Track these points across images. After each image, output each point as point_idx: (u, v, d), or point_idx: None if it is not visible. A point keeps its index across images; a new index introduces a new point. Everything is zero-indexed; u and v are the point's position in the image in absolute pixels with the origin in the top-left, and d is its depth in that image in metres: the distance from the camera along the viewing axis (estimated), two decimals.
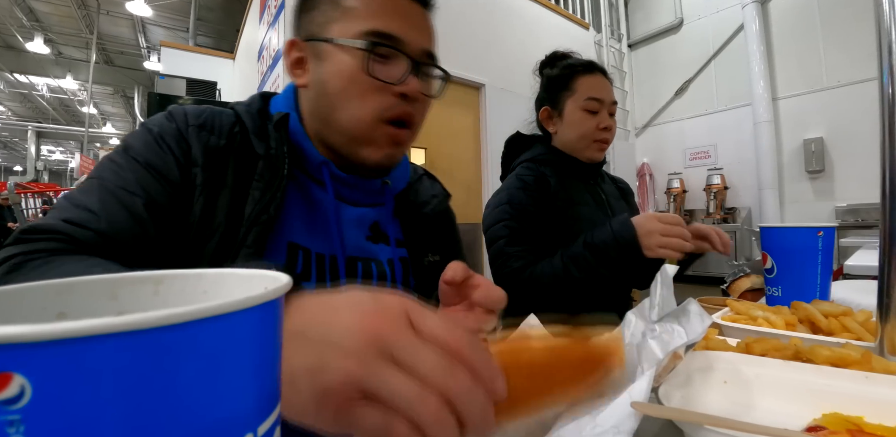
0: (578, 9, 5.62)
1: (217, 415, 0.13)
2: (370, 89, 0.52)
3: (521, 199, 0.92)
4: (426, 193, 0.70)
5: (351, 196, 0.59)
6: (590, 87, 0.98)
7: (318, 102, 0.55)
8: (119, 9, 7.02)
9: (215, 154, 0.51)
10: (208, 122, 0.52)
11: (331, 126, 0.55)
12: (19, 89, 10.33)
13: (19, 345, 0.10)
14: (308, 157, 0.56)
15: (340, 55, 0.52)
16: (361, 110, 0.52)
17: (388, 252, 0.61)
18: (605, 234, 0.79)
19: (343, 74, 0.52)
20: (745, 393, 0.39)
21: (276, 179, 0.52)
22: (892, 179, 0.42)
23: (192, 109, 0.53)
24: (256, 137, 0.53)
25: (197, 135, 0.51)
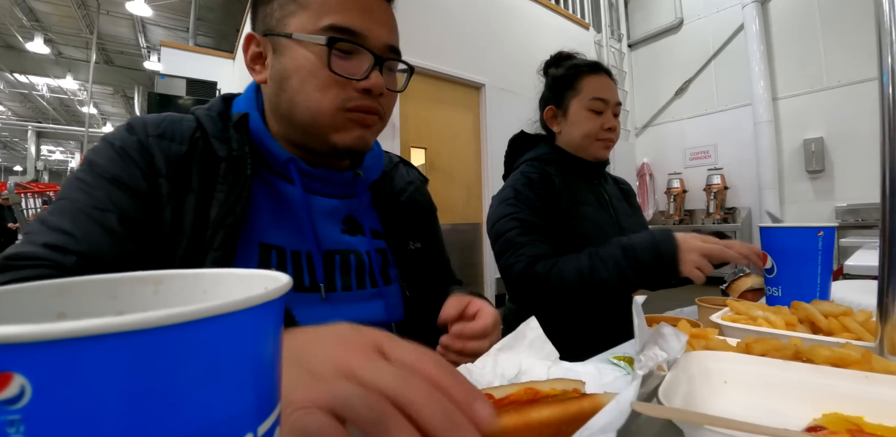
0: (578, 9, 5.62)
1: (217, 415, 0.13)
2: (331, 84, 0.51)
3: (527, 194, 0.92)
4: (402, 181, 0.69)
5: (323, 190, 0.58)
6: (595, 87, 0.98)
7: (279, 98, 0.53)
8: (119, 9, 7.02)
9: (178, 162, 0.50)
10: (168, 130, 0.52)
11: (293, 121, 0.54)
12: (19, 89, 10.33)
13: (19, 345, 0.10)
14: (274, 154, 0.55)
15: (300, 50, 0.51)
16: (321, 103, 0.51)
17: (365, 244, 0.61)
18: (645, 240, 0.77)
19: (303, 69, 0.51)
20: (745, 393, 0.39)
21: (239, 179, 0.51)
22: (892, 179, 0.42)
23: (151, 119, 0.53)
24: (218, 140, 0.53)
25: (158, 144, 0.50)
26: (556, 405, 0.31)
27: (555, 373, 0.46)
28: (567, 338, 0.73)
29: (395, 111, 3.38)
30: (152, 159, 0.49)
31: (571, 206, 0.94)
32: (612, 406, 0.27)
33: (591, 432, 0.27)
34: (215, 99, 0.59)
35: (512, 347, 0.48)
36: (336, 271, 0.57)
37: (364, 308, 0.58)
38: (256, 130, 0.55)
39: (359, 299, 0.58)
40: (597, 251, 0.81)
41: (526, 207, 0.90)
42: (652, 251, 0.75)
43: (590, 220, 0.95)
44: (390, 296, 0.62)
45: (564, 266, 0.81)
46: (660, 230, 0.81)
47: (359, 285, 0.59)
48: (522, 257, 0.84)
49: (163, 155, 0.50)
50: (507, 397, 0.34)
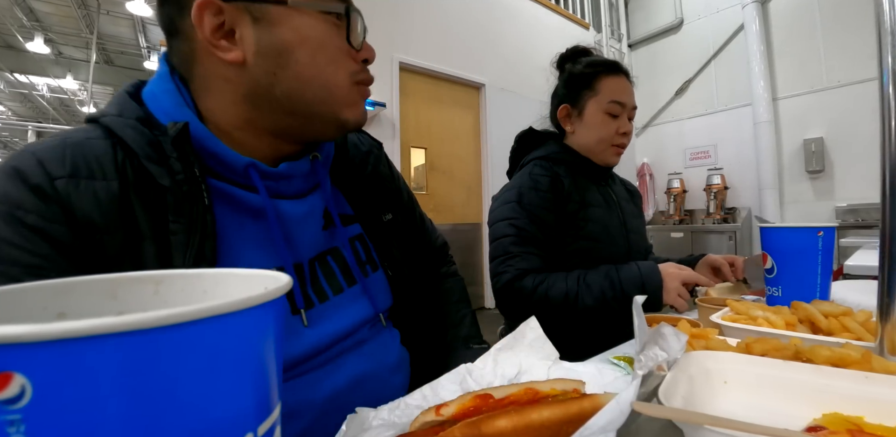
0: (578, 9, 5.62)
1: (217, 415, 0.13)
2: (342, 56, 0.47)
3: (531, 199, 0.91)
4: (358, 152, 0.63)
5: (288, 189, 0.51)
6: (614, 89, 0.96)
7: (276, 78, 0.44)
8: (119, 9, 7.01)
9: (109, 205, 0.38)
10: (80, 163, 0.39)
11: (299, 101, 0.46)
12: (19, 89, 10.33)
13: (19, 345, 0.10)
14: (228, 163, 0.45)
15: (303, 19, 0.44)
16: (336, 77, 0.47)
17: (343, 234, 0.56)
18: (632, 272, 0.79)
19: (312, 41, 0.44)
20: (745, 393, 0.39)
21: (196, 213, 0.41)
22: (892, 179, 0.42)
23: (45, 155, 0.38)
24: (153, 163, 0.41)
25: (76, 189, 0.37)
26: (556, 406, 0.31)
27: (555, 373, 0.46)
28: (567, 338, 0.74)
29: (395, 111, 3.38)
30: (73, 214, 0.37)
31: (580, 208, 0.93)
32: (611, 406, 0.27)
33: (591, 431, 0.27)
34: (120, 98, 0.46)
35: (512, 347, 0.48)
36: (320, 277, 0.53)
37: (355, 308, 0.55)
38: (200, 137, 0.44)
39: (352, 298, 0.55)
40: (585, 276, 0.82)
41: (527, 213, 0.89)
42: (637, 285, 0.77)
43: (598, 221, 0.94)
44: (377, 283, 0.59)
45: (552, 286, 0.82)
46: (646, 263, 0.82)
47: (348, 282, 0.55)
48: (511, 268, 0.85)
49: (86, 203, 0.37)
50: (507, 397, 0.34)
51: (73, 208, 0.37)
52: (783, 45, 4.88)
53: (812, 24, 4.62)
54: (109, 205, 0.38)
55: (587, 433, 0.27)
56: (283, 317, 0.17)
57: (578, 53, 1.04)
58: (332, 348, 0.51)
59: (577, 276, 0.82)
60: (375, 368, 0.54)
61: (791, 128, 4.81)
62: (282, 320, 0.17)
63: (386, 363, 0.56)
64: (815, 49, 4.62)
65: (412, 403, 0.39)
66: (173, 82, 0.46)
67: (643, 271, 0.78)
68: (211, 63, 0.45)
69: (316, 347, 0.49)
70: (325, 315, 0.52)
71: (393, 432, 0.34)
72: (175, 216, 0.40)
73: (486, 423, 0.30)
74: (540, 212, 0.90)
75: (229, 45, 0.43)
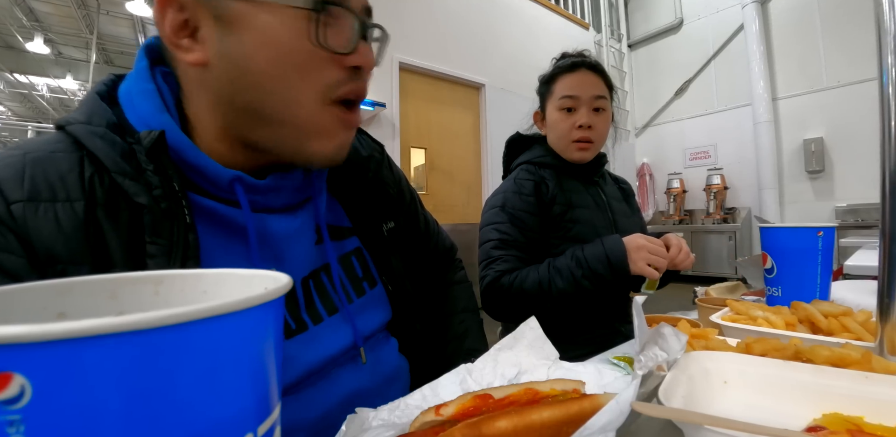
0: (578, 9, 5.62)
1: (217, 415, 0.13)
2: (313, 63, 0.39)
3: (514, 203, 0.92)
4: (359, 157, 0.56)
5: (276, 202, 0.45)
6: (565, 85, 0.96)
7: (234, 86, 0.38)
8: (119, 9, 7.01)
9: (75, 231, 0.34)
10: (40, 183, 0.34)
11: (258, 115, 0.39)
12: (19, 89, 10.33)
13: (19, 345, 0.10)
14: (211, 177, 0.40)
15: (266, 18, 0.37)
16: (303, 91, 0.39)
17: (337, 249, 0.52)
18: (596, 248, 0.80)
19: (275, 43, 0.37)
20: (745, 393, 0.39)
21: (177, 232, 0.36)
22: (892, 179, 0.42)
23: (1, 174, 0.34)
24: (127, 178, 0.36)
25: (34, 215, 0.33)
26: (556, 406, 0.31)
27: (555, 373, 0.46)
28: (567, 338, 0.74)
29: (395, 111, 3.38)
30: (30, 243, 0.32)
31: (566, 210, 0.94)
32: (611, 406, 0.27)
33: (591, 431, 0.27)
34: (89, 100, 0.40)
35: (512, 347, 0.48)
36: (314, 298, 0.48)
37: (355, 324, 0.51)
38: (180, 147, 0.39)
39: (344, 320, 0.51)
40: (554, 262, 0.83)
41: (509, 217, 0.91)
42: (602, 260, 0.78)
43: (586, 223, 0.94)
44: (374, 299, 0.55)
45: (525, 278, 0.83)
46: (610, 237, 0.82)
47: (347, 297, 0.51)
48: (492, 270, 0.87)
49: (47, 227, 0.33)
50: (506, 397, 0.34)
51: (30, 237, 0.32)
52: (783, 45, 4.88)
53: (812, 24, 4.62)
54: (74, 231, 0.34)
55: (587, 433, 0.27)
56: (283, 317, 0.17)
57: (558, 59, 1.05)
58: (325, 368, 0.48)
59: (547, 263, 0.84)
60: (371, 382, 0.51)
61: (791, 128, 4.81)
62: (282, 320, 0.17)
63: (382, 375, 0.53)
64: (815, 49, 4.62)
65: (412, 403, 0.39)
66: (153, 82, 0.40)
67: (606, 245, 0.79)
68: (181, 64, 0.40)
69: (309, 370, 0.46)
70: (319, 337, 0.48)
71: (393, 432, 0.34)
72: (152, 237, 0.35)
73: (486, 424, 0.30)
74: (522, 215, 0.91)
75: (190, 45, 0.38)
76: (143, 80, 0.40)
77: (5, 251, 0.32)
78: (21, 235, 0.32)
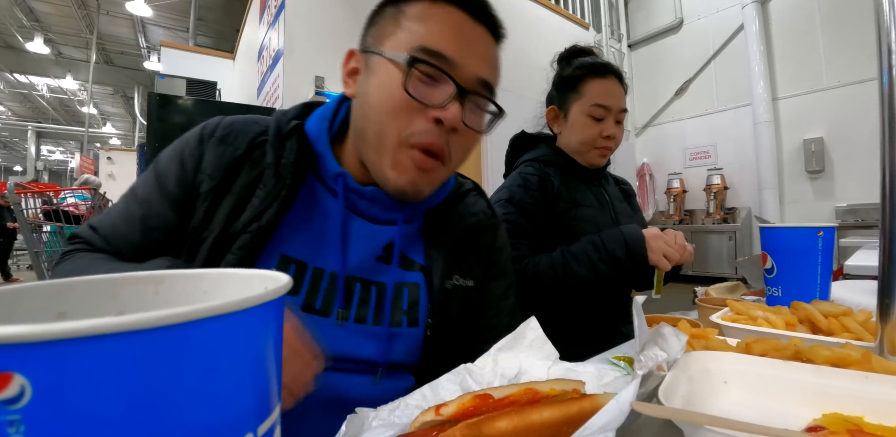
0: (578, 9, 5.62)
1: (217, 415, 0.13)
2: (404, 109, 0.48)
3: (521, 197, 0.92)
4: (464, 210, 0.62)
5: (368, 210, 0.55)
6: (598, 92, 0.95)
7: (357, 114, 0.53)
8: (119, 9, 7.02)
9: (228, 164, 0.51)
10: (231, 134, 0.54)
11: (363, 139, 0.52)
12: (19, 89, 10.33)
13: (19, 345, 0.10)
14: (326, 167, 0.54)
15: (387, 68, 0.49)
16: (389, 127, 0.49)
17: (397, 275, 0.55)
18: (614, 233, 0.80)
19: (383, 87, 0.49)
20: (745, 393, 0.39)
21: (276, 188, 0.51)
22: (892, 179, 0.42)
23: (226, 121, 0.55)
24: (271, 146, 0.53)
25: (215, 147, 0.52)
26: (556, 406, 0.31)
27: (555, 373, 0.46)
28: (567, 338, 0.73)
29: None
30: (201, 159, 0.52)
31: (571, 207, 0.94)
32: (611, 406, 0.27)
33: (591, 431, 0.27)
34: (297, 105, 0.59)
35: (512, 347, 0.48)
36: (354, 301, 0.52)
37: (372, 345, 0.52)
38: (316, 140, 0.55)
39: (368, 335, 0.52)
40: (568, 248, 0.84)
41: (517, 209, 0.91)
42: (621, 243, 0.78)
43: (589, 221, 0.94)
44: (407, 338, 0.55)
45: (538, 263, 0.84)
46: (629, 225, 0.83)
47: (375, 320, 0.53)
48: None
49: (213, 156, 0.52)
50: (506, 397, 0.34)
51: (202, 156, 0.52)
52: (783, 45, 4.88)
53: (812, 24, 4.62)
54: (223, 163, 0.52)
55: (587, 432, 0.27)
56: (282, 317, 0.17)
57: (576, 53, 1.04)
58: None
59: (561, 249, 0.84)
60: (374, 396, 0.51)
61: (791, 128, 4.81)
62: (282, 320, 0.17)
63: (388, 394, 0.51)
64: (815, 49, 4.62)
65: (412, 403, 0.39)
66: (337, 101, 0.58)
67: (624, 230, 0.80)
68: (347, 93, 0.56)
69: None
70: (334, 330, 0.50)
71: (393, 432, 0.34)
72: (262, 185, 0.51)
73: (486, 424, 0.30)
74: (530, 208, 0.91)
75: (351, 84, 0.54)
76: (331, 102, 0.58)
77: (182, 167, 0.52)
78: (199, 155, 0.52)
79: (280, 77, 3.42)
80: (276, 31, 3.57)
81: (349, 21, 3.53)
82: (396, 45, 0.49)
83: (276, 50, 3.57)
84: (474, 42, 0.51)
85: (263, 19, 4.14)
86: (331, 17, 3.55)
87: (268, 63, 3.87)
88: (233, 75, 5.53)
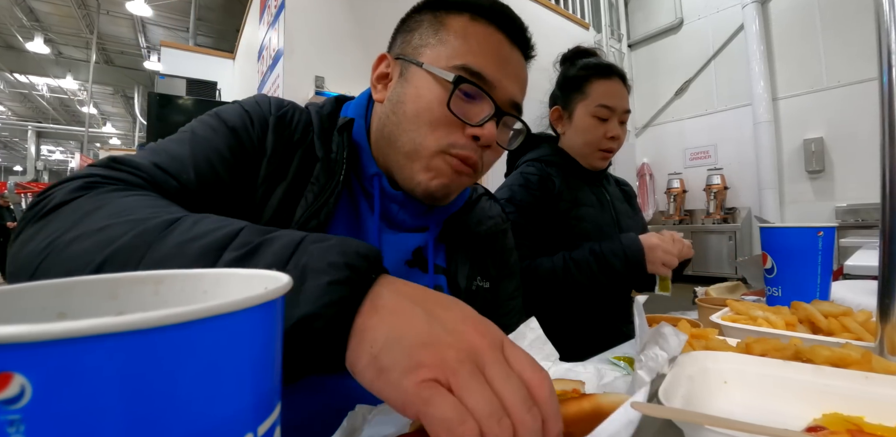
0: (578, 9, 5.62)
1: (217, 415, 0.13)
2: (443, 122, 0.50)
3: (522, 196, 0.92)
4: (482, 214, 0.65)
5: (396, 216, 0.55)
6: (603, 93, 0.96)
7: (389, 120, 0.53)
8: (119, 9, 7.02)
9: (285, 147, 0.50)
10: (288, 114, 0.52)
11: (392, 145, 0.52)
12: (19, 89, 10.33)
13: (19, 345, 0.10)
14: (364, 165, 0.54)
15: (425, 81, 0.50)
16: (427, 139, 0.50)
17: (424, 279, 0.56)
18: (615, 246, 0.81)
19: (422, 99, 0.50)
20: (745, 393, 0.39)
21: (330, 184, 0.50)
22: (892, 179, 0.42)
23: (276, 100, 0.54)
24: (319, 140, 0.52)
25: (276, 124, 0.51)
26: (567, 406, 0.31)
27: (555, 373, 0.46)
28: (567, 338, 0.74)
29: None
30: (265, 137, 0.50)
31: (572, 207, 0.94)
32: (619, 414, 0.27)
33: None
34: (329, 99, 0.59)
35: None
36: None
37: None
38: (357, 138, 0.55)
39: None
40: (570, 254, 0.84)
41: (517, 209, 0.91)
42: (621, 258, 0.80)
43: (590, 220, 0.95)
44: None
45: (539, 264, 0.85)
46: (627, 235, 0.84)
47: None
48: None
49: (274, 136, 0.50)
50: None
51: (266, 133, 0.50)
52: (783, 46, 4.88)
53: (812, 24, 4.62)
54: (283, 145, 0.50)
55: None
56: (283, 317, 0.17)
57: (579, 54, 1.05)
58: None
59: (563, 255, 0.85)
60: None
61: (791, 128, 4.81)
62: (282, 320, 0.17)
63: None
64: (815, 49, 4.62)
65: None
66: (367, 99, 0.58)
67: (624, 243, 0.82)
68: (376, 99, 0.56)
69: None
70: None
71: (394, 430, 0.34)
72: (315, 180, 0.50)
73: None
74: (530, 208, 0.92)
75: (381, 89, 0.55)
76: (360, 97, 0.59)
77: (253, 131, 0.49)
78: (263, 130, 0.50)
79: (280, 77, 3.42)
80: (276, 31, 3.57)
81: (349, 21, 3.53)
82: (437, 58, 0.51)
83: (276, 50, 3.57)
84: (511, 64, 0.53)
85: (263, 19, 4.14)
86: (331, 17, 3.55)
87: (268, 63, 3.87)
88: (233, 75, 5.53)
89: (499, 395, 0.23)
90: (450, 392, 0.23)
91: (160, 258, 0.28)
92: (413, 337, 0.25)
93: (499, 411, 0.23)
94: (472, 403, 0.23)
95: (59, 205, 0.33)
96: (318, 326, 0.25)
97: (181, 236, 0.29)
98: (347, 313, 0.26)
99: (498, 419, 0.22)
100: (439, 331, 0.25)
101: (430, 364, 0.24)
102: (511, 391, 0.24)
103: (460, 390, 0.23)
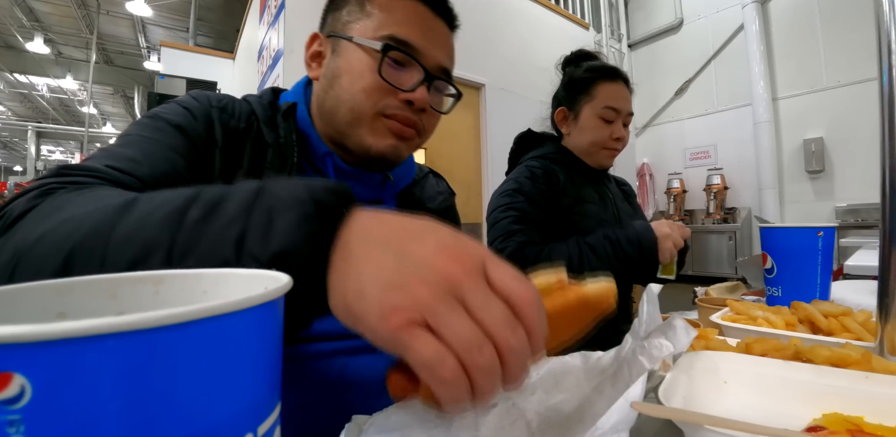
0: (578, 9, 5.62)
1: (217, 415, 0.13)
2: (377, 89, 0.52)
3: (529, 188, 0.94)
4: (432, 190, 0.69)
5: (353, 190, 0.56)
6: (609, 95, 0.98)
7: (327, 94, 0.55)
8: (119, 9, 7.01)
9: (234, 137, 0.52)
10: (229, 106, 0.54)
11: (335, 118, 0.55)
12: (19, 89, 10.33)
13: (19, 345, 0.10)
14: (314, 147, 0.56)
15: (356, 53, 0.53)
16: (364, 105, 0.53)
17: None
18: (629, 232, 0.82)
19: (354, 70, 0.53)
20: (745, 393, 0.39)
21: (285, 168, 0.52)
22: (892, 179, 0.42)
23: (212, 94, 0.55)
24: (266, 126, 0.54)
25: (219, 116, 0.52)
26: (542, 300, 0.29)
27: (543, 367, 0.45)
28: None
29: None
30: (212, 129, 0.51)
31: (575, 203, 0.95)
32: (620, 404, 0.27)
33: (603, 431, 0.26)
34: (265, 90, 0.61)
35: None
36: None
37: None
38: (302, 121, 0.57)
39: None
40: (584, 240, 0.85)
41: (524, 199, 0.92)
42: (635, 245, 0.81)
43: (593, 217, 0.95)
44: None
45: (553, 251, 0.85)
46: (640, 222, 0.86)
47: None
48: (513, 242, 0.87)
49: (221, 126, 0.51)
50: None
51: (212, 125, 0.51)
52: (783, 46, 4.88)
53: (812, 24, 4.62)
54: (231, 135, 0.51)
55: (598, 433, 0.26)
56: (283, 317, 0.17)
57: (582, 57, 1.06)
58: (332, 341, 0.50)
59: (577, 240, 0.86)
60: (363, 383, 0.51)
61: (791, 128, 4.81)
62: (282, 320, 0.17)
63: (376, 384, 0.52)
64: (815, 49, 4.62)
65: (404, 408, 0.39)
66: (303, 87, 0.60)
67: (638, 230, 0.83)
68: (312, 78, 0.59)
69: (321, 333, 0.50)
70: None
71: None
72: (270, 166, 0.52)
73: None
74: (537, 198, 0.93)
75: (316, 67, 0.58)
76: (297, 85, 0.61)
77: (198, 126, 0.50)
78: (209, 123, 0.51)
79: (280, 77, 3.42)
80: (276, 31, 3.57)
81: None
82: (365, 31, 0.53)
83: (276, 50, 3.57)
84: (435, 32, 0.56)
85: (263, 19, 4.14)
86: None
87: (268, 63, 3.87)
88: (233, 75, 5.53)
89: (479, 322, 0.23)
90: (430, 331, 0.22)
91: (126, 234, 0.26)
92: (383, 283, 0.24)
93: (479, 340, 0.22)
94: (449, 337, 0.22)
95: (19, 216, 0.32)
96: (293, 264, 0.24)
97: (142, 210, 0.28)
98: (321, 249, 0.26)
99: (479, 349, 0.22)
100: (410, 270, 0.24)
101: (403, 307, 0.23)
102: (491, 315, 0.23)
103: (437, 326, 0.22)
